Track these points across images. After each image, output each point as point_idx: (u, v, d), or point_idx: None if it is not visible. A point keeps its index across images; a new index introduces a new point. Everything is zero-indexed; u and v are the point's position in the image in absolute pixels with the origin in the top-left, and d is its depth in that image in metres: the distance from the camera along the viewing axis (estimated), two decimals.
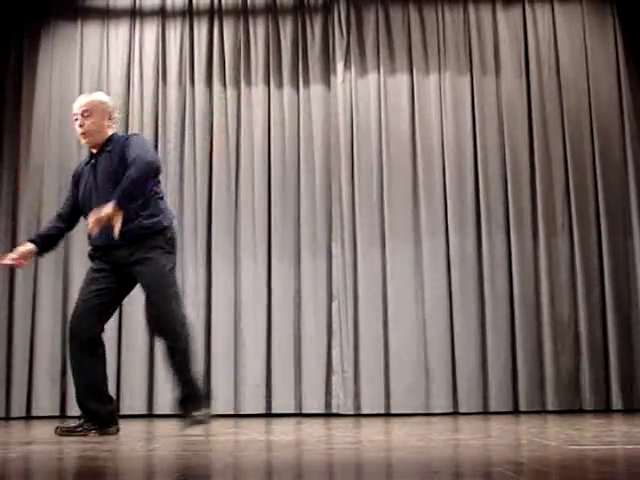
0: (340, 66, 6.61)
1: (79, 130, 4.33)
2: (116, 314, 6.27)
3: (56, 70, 6.74)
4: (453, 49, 6.64)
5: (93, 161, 4.33)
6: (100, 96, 4.50)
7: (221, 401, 6.16)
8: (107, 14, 6.85)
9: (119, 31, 6.83)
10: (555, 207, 6.40)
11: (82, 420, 4.20)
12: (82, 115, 4.32)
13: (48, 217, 6.37)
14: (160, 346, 6.23)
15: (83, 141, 4.38)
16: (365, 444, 3.67)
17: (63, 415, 6.14)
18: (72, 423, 4.25)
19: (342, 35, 6.67)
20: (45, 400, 6.22)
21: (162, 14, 6.83)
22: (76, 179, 4.43)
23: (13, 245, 6.35)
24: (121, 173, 4.10)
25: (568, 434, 3.96)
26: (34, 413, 6.19)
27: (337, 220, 6.41)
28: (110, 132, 4.37)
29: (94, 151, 4.35)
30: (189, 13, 6.82)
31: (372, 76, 6.63)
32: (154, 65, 6.74)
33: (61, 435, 4.11)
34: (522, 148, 6.47)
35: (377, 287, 6.31)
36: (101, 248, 4.26)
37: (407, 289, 6.31)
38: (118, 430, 4.26)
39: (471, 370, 6.17)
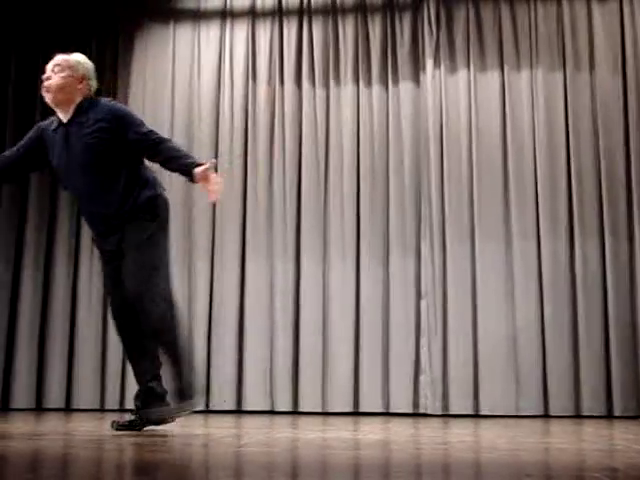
0: (429, 64, 6.56)
1: (44, 85, 3.96)
2: (206, 310, 6.41)
3: (150, 71, 6.89)
4: (546, 45, 6.50)
5: (63, 130, 3.97)
6: (78, 56, 4.15)
7: (308, 399, 6.22)
8: (198, 15, 6.97)
9: (210, 32, 6.93)
10: None
11: (137, 414, 4.06)
12: (52, 71, 4.01)
13: None
14: (247, 343, 6.40)
15: (46, 98, 3.97)
16: (454, 445, 3.63)
17: None
18: (127, 417, 4.14)
19: (431, 33, 6.61)
20: None
21: (252, 14, 6.90)
22: (46, 142, 4.04)
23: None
24: (105, 143, 3.89)
25: None
26: (127, 406, 6.34)
27: (426, 219, 6.37)
28: (80, 97, 4.00)
29: (64, 119, 3.99)
30: (279, 13, 6.87)
31: (462, 74, 6.56)
32: (244, 65, 6.82)
33: (117, 430, 3.98)
34: (617, 148, 6.28)
35: (466, 286, 6.24)
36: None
37: (497, 289, 6.21)
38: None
39: (563, 372, 6.04)
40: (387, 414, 6.10)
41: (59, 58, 4.06)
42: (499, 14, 6.60)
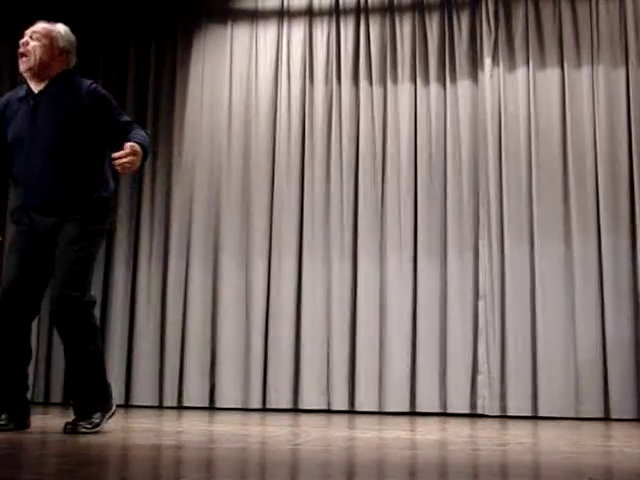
0: (488, 62, 6.49)
1: (20, 50, 3.73)
2: (263, 309, 6.46)
3: (207, 70, 6.95)
4: (607, 42, 6.38)
5: (31, 100, 3.73)
6: (60, 27, 3.89)
7: (365, 398, 6.21)
8: (256, 15, 7.00)
9: (267, 31, 6.96)
10: None
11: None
12: (30, 37, 3.76)
13: (198, 213, 6.67)
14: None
15: (21, 65, 3.74)
16: (513, 446, 3.59)
17: (212, 407, 6.34)
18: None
19: (490, 30, 6.55)
20: (195, 391, 6.43)
21: (309, 14, 6.91)
22: (4, 114, 3.78)
23: (166, 237, 6.66)
24: (79, 123, 3.69)
25: None
26: (185, 403, 6.41)
27: (484, 218, 6.31)
28: (58, 69, 3.80)
29: (35, 89, 3.75)
30: (336, 12, 6.87)
31: (521, 71, 6.48)
32: (301, 64, 6.83)
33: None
34: None
35: (525, 286, 6.16)
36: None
37: (556, 289, 6.12)
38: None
39: (624, 374, 5.92)
40: (444, 414, 6.06)
41: (39, 25, 3.80)
42: (559, 10, 6.50)
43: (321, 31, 6.87)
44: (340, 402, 6.25)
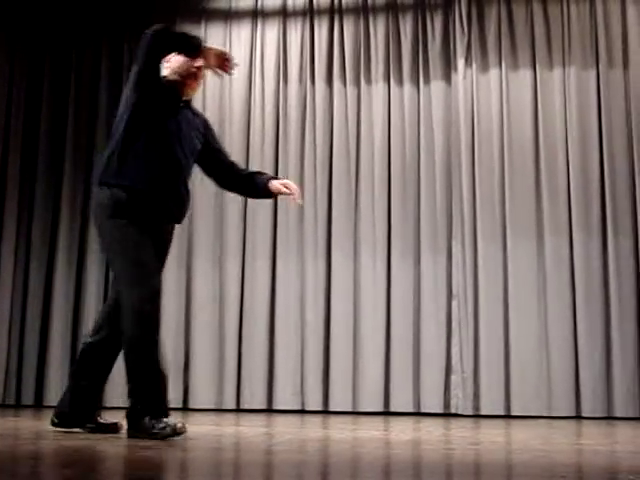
0: (461, 63, 6.53)
1: (198, 75, 3.87)
2: (237, 309, 6.45)
3: None
4: (578, 43, 6.44)
5: (182, 111, 3.89)
6: None
7: (339, 398, 6.22)
8: (230, 15, 6.99)
9: (241, 31, 6.96)
10: None
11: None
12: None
13: None
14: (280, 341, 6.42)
15: (194, 86, 3.89)
16: (486, 445, 3.62)
17: (186, 407, 6.31)
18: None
19: (463, 32, 6.58)
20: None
21: (283, 14, 6.91)
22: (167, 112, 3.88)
23: None
24: (201, 148, 3.98)
25: None
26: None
27: (457, 218, 6.34)
28: None
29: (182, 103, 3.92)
30: (309, 13, 6.88)
31: (494, 72, 6.52)
32: (275, 64, 6.83)
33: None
34: None
35: (498, 286, 6.21)
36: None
37: (529, 288, 6.17)
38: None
39: (596, 373, 5.98)
40: (418, 414, 6.08)
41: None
42: (531, 12, 6.55)
43: (295, 31, 6.88)
44: (314, 402, 6.26)
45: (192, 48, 3.82)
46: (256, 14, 6.95)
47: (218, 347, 6.43)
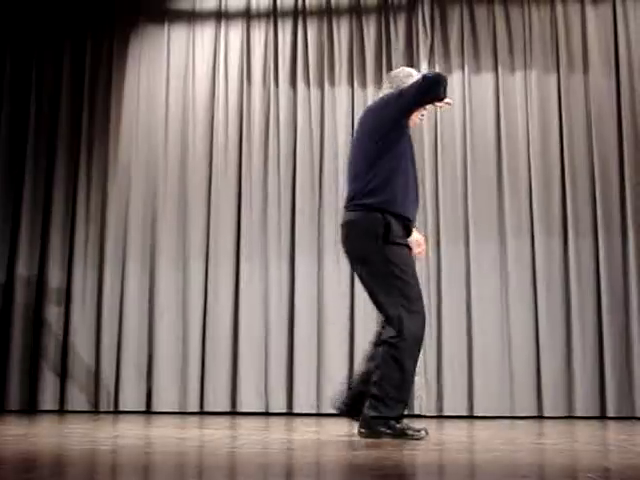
0: (424, 65, 6.56)
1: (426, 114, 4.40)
2: (200, 311, 6.43)
3: (144, 71, 6.89)
4: (540, 47, 6.51)
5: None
6: None
7: (303, 400, 6.22)
8: (193, 16, 6.97)
9: (205, 33, 6.93)
10: None
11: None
12: None
13: (134, 215, 6.60)
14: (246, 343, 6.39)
15: (421, 117, 4.39)
16: (449, 445, 3.64)
17: (149, 410, 6.28)
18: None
19: (426, 34, 6.62)
20: (131, 394, 6.36)
21: (247, 16, 6.90)
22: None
23: (102, 229, 6.56)
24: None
25: None
26: (121, 408, 6.33)
27: (420, 218, 6.34)
28: None
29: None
30: (273, 14, 6.87)
31: (456, 75, 6.57)
32: (239, 66, 6.82)
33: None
34: (611, 148, 6.29)
35: (460, 286, 6.24)
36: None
37: (491, 290, 6.22)
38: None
39: (556, 373, 6.05)
40: None
41: None
42: (493, 16, 6.61)
43: (259, 33, 6.87)
44: (278, 404, 6.25)
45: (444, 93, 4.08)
46: (220, 15, 6.93)
47: (182, 349, 6.40)
